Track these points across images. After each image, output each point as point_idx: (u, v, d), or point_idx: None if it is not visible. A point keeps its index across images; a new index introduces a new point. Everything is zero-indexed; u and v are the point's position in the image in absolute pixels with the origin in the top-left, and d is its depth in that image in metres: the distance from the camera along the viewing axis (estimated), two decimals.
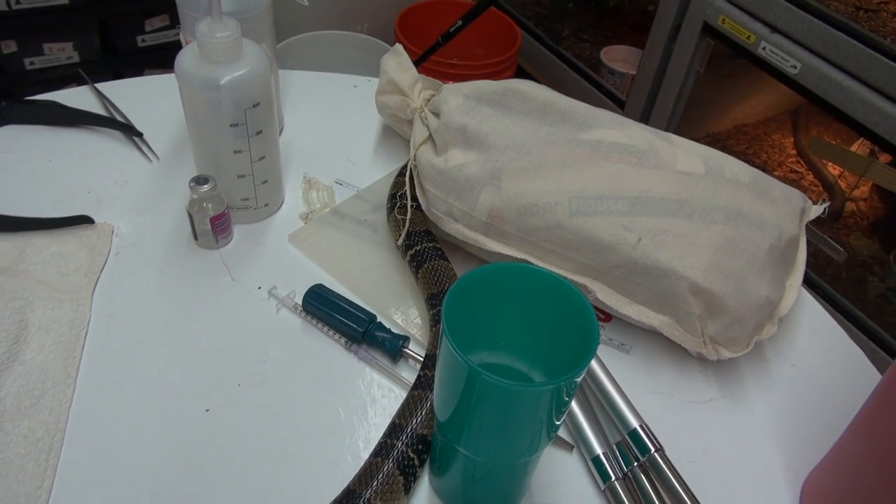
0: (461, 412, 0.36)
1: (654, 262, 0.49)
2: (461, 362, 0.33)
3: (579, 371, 0.33)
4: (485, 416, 0.36)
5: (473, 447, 0.38)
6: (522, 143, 0.55)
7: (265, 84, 0.53)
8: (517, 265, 0.38)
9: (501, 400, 0.34)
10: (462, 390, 0.35)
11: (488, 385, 0.33)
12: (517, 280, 0.38)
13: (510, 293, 0.38)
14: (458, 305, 0.36)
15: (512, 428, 0.36)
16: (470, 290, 0.37)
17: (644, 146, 0.54)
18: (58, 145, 0.65)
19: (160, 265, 0.56)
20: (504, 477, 0.41)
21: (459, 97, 0.58)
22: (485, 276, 0.37)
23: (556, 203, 0.52)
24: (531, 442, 0.38)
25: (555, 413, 0.36)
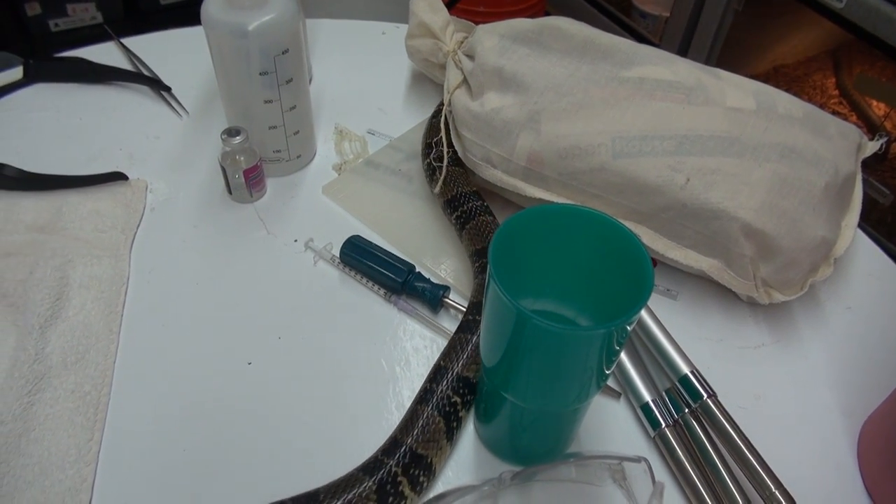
0: (509, 358, 0.35)
1: (704, 204, 0.47)
2: (510, 307, 0.32)
3: (633, 315, 0.32)
4: (533, 362, 0.35)
5: (521, 394, 0.37)
6: (562, 83, 0.52)
7: (294, 30, 0.51)
8: (564, 205, 0.36)
9: (551, 345, 0.33)
10: (510, 336, 0.34)
11: (538, 330, 0.32)
12: (564, 222, 0.36)
13: (557, 236, 0.37)
14: (505, 250, 0.34)
15: (561, 374, 0.35)
16: (516, 233, 0.35)
17: (691, 82, 0.52)
18: (87, 102, 0.65)
19: (195, 220, 0.56)
20: (552, 424, 0.41)
21: (494, 37, 0.55)
22: (531, 219, 0.36)
23: (599, 144, 0.50)
24: (581, 389, 0.36)
25: (605, 360, 0.34)
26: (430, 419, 0.42)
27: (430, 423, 0.42)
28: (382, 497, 0.39)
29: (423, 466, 0.41)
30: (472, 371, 0.44)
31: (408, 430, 0.42)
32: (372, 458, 0.41)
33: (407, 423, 0.42)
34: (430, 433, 0.42)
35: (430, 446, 0.42)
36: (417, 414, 0.43)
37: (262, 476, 0.41)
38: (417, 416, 0.42)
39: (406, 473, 0.40)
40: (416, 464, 0.41)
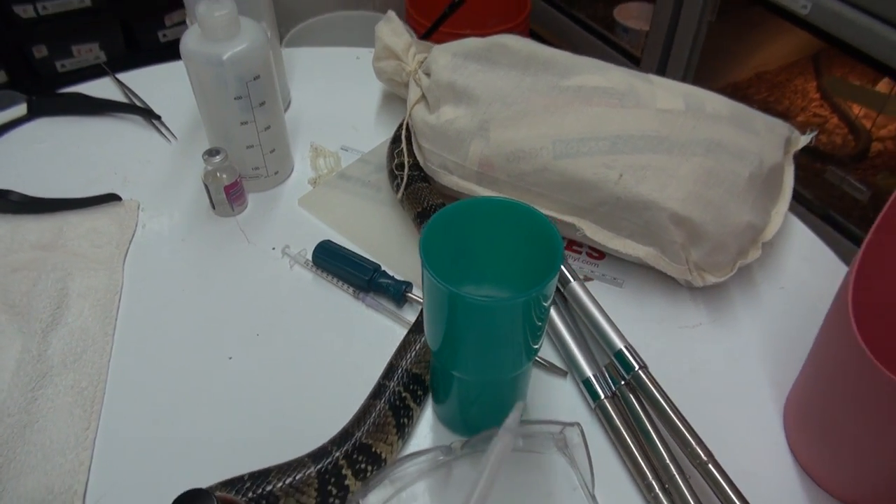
0: (448, 335, 0.40)
1: (636, 196, 0.52)
2: (441, 288, 0.36)
3: (543, 286, 0.36)
4: (468, 335, 0.39)
5: (463, 367, 0.42)
6: (508, 94, 0.57)
7: (264, 57, 0.57)
8: (486, 198, 0.41)
9: (478, 317, 0.38)
10: (447, 315, 0.39)
11: (465, 303, 0.37)
12: (489, 213, 0.41)
13: (485, 227, 0.41)
14: (438, 242, 0.39)
15: (493, 345, 0.40)
16: (448, 226, 0.40)
17: (624, 88, 0.57)
18: (85, 133, 0.71)
19: (182, 234, 0.61)
20: (495, 395, 0.45)
21: (448, 56, 0.61)
22: (459, 212, 0.41)
23: (541, 147, 0.55)
24: (514, 358, 0.41)
25: (530, 329, 0.39)
26: (381, 413, 0.47)
27: (381, 416, 0.47)
28: (323, 483, 0.43)
29: (370, 456, 0.45)
30: (422, 368, 0.49)
31: (359, 423, 0.46)
32: (321, 447, 0.45)
33: (359, 416, 0.47)
34: (379, 426, 0.46)
35: (378, 437, 0.46)
36: (369, 408, 0.47)
37: (237, 456, 0.46)
38: (370, 410, 0.47)
39: (350, 463, 0.44)
40: (363, 454, 0.45)
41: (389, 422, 0.47)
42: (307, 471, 0.43)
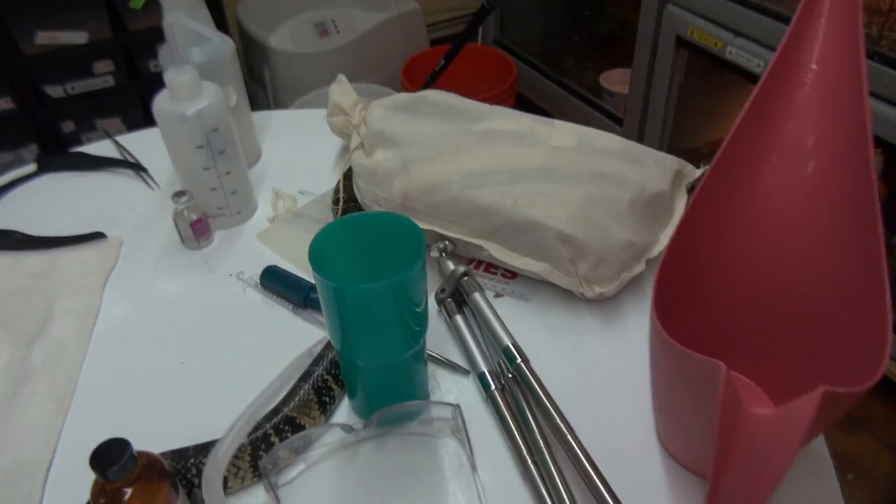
0: (340, 325, 0.48)
1: (527, 219, 0.61)
2: (325, 283, 0.45)
3: (407, 273, 0.45)
4: (354, 321, 0.47)
5: (358, 352, 0.50)
6: (426, 138, 0.67)
7: (222, 113, 0.68)
8: (367, 213, 0.50)
9: (357, 302, 0.46)
10: (335, 306, 0.47)
11: (345, 292, 0.45)
12: (372, 226, 0.50)
13: (370, 238, 0.50)
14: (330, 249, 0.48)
15: (377, 327, 0.47)
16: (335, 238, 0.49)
17: (524, 130, 0.66)
18: (82, 184, 0.82)
19: (155, 264, 0.71)
20: (395, 382, 0.53)
21: (381, 109, 0.71)
22: (343, 226, 0.50)
23: (452, 181, 0.64)
24: (400, 340, 0.49)
25: (407, 312, 0.47)
26: (306, 393, 0.55)
27: (306, 395, 0.55)
28: (255, 449, 0.51)
29: (296, 428, 0.53)
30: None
31: (287, 401, 0.54)
32: (256, 423, 0.53)
33: (289, 395, 0.55)
34: (304, 403, 0.54)
35: (303, 412, 0.54)
36: (297, 389, 0.55)
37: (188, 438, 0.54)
38: (297, 390, 0.55)
39: (278, 433, 0.52)
40: (289, 425, 0.53)
41: (313, 399, 0.55)
42: (243, 445, 0.51)
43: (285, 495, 0.51)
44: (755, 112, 0.46)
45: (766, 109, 0.46)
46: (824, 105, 0.45)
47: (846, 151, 0.44)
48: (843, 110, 0.44)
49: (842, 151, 0.44)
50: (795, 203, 0.47)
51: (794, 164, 0.46)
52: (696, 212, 0.47)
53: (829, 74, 0.45)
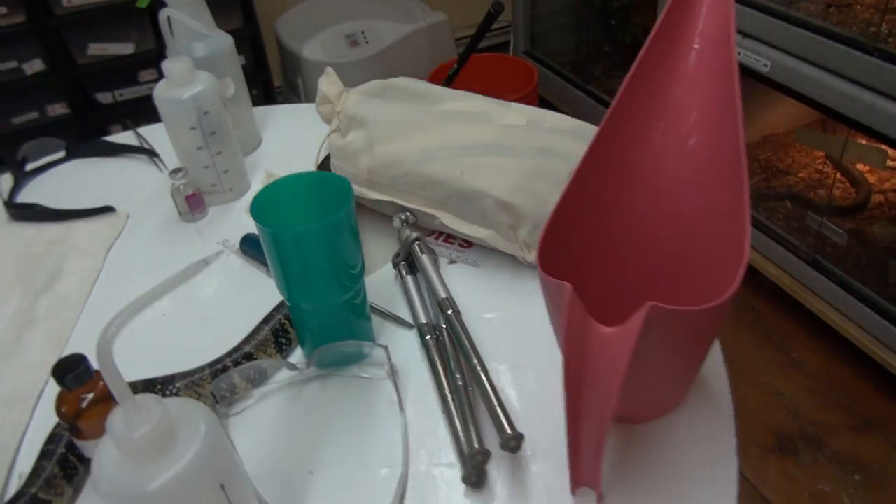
0: (280, 269, 0.55)
1: (472, 188, 0.66)
2: (263, 230, 0.52)
3: (336, 217, 0.51)
4: (290, 264, 0.54)
5: (297, 294, 0.56)
6: (392, 119, 0.74)
7: (213, 97, 0.76)
8: (303, 173, 0.56)
9: (292, 245, 0.52)
10: (275, 252, 0.54)
11: (279, 236, 0.52)
12: (306, 184, 0.56)
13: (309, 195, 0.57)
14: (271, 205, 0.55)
15: (312, 269, 0.54)
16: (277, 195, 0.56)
17: (479, 110, 0.72)
18: (103, 167, 0.92)
19: (156, 234, 0.80)
20: (336, 326, 0.59)
21: (356, 95, 0.78)
22: (285, 184, 0.56)
23: (409, 156, 0.70)
24: (335, 283, 0.55)
25: (341, 254, 0.53)
26: (265, 333, 0.62)
27: (265, 335, 0.61)
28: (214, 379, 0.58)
29: (257, 367, 0.60)
30: None
31: (248, 340, 0.61)
32: (218, 358, 0.60)
33: (250, 336, 0.62)
34: (262, 342, 0.61)
35: (261, 350, 0.61)
36: (258, 330, 0.62)
37: None
38: (258, 331, 0.62)
39: (236, 366, 0.59)
40: (247, 360, 0.60)
41: (270, 340, 0.61)
42: (203, 373, 0.58)
43: (234, 424, 0.58)
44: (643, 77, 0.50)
45: (655, 76, 0.51)
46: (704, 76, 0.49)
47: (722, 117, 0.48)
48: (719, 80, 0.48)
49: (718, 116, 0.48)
50: (682, 157, 0.51)
51: (679, 125, 0.50)
52: (589, 164, 0.51)
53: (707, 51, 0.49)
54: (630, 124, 0.51)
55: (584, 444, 0.45)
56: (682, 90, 0.50)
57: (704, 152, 0.49)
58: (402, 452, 0.54)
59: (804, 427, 1.36)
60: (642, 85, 0.50)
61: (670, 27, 0.49)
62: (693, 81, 0.49)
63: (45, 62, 1.56)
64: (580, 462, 0.47)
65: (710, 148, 0.49)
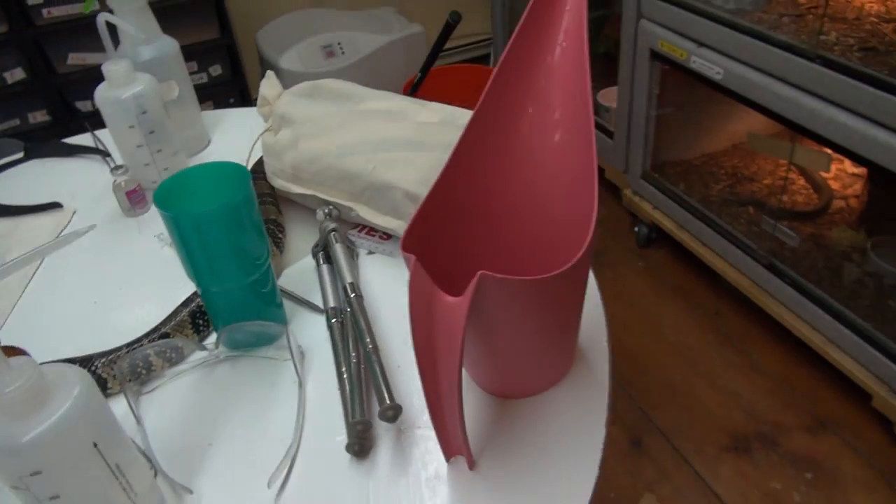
0: (185, 252, 0.58)
1: (382, 181, 0.70)
2: (168, 216, 0.55)
3: (233, 199, 0.55)
4: (193, 247, 0.57)
5: (203, 277, 0.60)
6: (316, 117, 0.78)
7: (152, 98, 0.81)
8: (201, 165, 0.60)
9: (193, 228, 0.56)
10: (178, 236, 0.57)
11: (180, 219, 0.55)
12: (208, 174, 0.60)
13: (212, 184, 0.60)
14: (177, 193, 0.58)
15: (214, 251, 0.57)
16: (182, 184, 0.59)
17: (397, 109, 0.76)
18: (58, 167, 0.96)
19: (97, 228, 0.84)
20: (244, 309, 0.62)
21: (288, 96, 0.82)
22: (188, 175, 0.60)
23: (329, 152, 0.74)
24: (237, 266, 0.58)
25: (244, 235, 0.57)
26: (183, 315, 0.65)
27: (183, 317, 0.65)
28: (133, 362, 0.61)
29: (171, 345, 0.63)
30: None
31: (167, 321, 0.65)
32: (136, 339, 0.64)
33: (168, 318, 0.65)
34: (180, 323, 0.65)
35: (177, 330, 0.64)
36: (178, 312, 0.66)
37: None
38: (176, 313, 0.65)
39: (153, 348, 0.63)
40: (164, 342, 0.63)
41: (187, 321, 0.65)
42: (120, 352, 0.62)
43: (146, 401, 0.61)
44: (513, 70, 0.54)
45: (524, 70, 0.54)
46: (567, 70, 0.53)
47: (578, 105, 0.51)
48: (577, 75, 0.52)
49: (575, 104, 0.52)
50: (547, 144, 0.54)
51: (546, 112, 0.54)
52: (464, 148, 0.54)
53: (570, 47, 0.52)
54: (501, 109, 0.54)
55: (448, 413, 0.48)
56: (547, 80, 0.53)
57: (567, 138, 0.53)
58: (294, 426, 0.57)
59: (760, 427, 1.38)
60: (513, 73, 0.54)
61: (536, 21, 0.53)
62: (558, 74, 0.53)
63: (26, 71, 1.61)
64: (446, 431, 0.50)
65: (570, 136, 0.52)
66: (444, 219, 0.54)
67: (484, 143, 0.54)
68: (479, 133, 0.54)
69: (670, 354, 1.55)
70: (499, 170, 0.56)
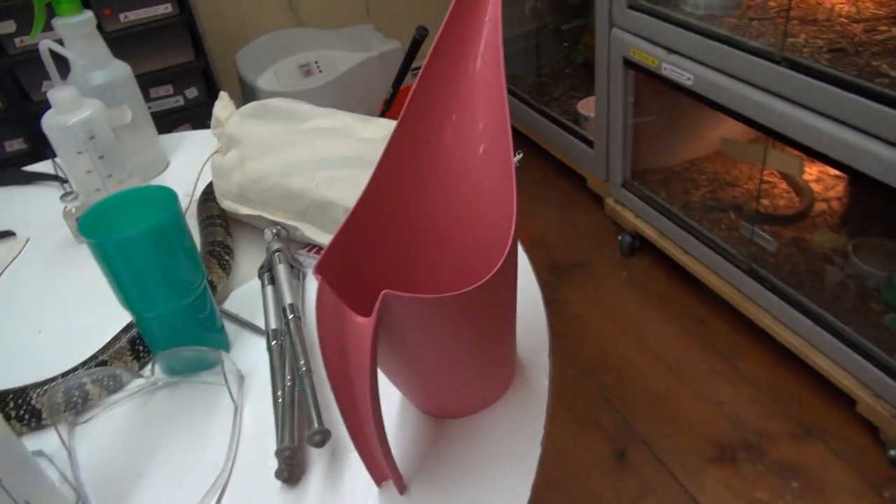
0: (113, 279, 0.57)
1: (325, 199, 0.69)
2: (93, 244, 0.54)
3: (158, 223, 0.54)
4: (121, 272, 0.56)
5: (134, 303, 0.59)
6: (263, 137, 0.77)
7: (100, 123, 0.80)
8: (128, 190, 0.59)
9: (119, 253, 0.55)
10: (105, 263, 0.56)
11: (105, 245, 0.54)
12: (136, 199, 0.59)
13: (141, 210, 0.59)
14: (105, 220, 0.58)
15: (142, 276, 0.56)
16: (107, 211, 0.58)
17: (341, 126, 0.75)
18: (17, 195, 0.96)
19: (50, 256, 0.83)
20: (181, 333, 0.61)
21: (237, 116, 0.82)
22: (113, 202, 0.59)
23: (273, 171, 0.73)
24: (167, 288, 0.57)
25: (169, 260, 0.56)
26: (122, 342, 0.64)
27: (121, 345, 0.64)
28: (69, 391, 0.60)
29: (109, 373, 0.62)
30: None
31: (105, 349, 0.64)
32: (72, 368, 0.63)
33: (106, 345, 0.64)
34: (119, 351, 0.64)
35: (116, 358, 0.63)
36: (117, 339, 0.64)
37: None
38: (116, 340, 0.64)
39: (89, 376, 0.61)
40: (101, 370, 0.62)
41: (126, 348, 0.64)
42: (56, 382, 0.61)
43: (81, 431, 0.60)
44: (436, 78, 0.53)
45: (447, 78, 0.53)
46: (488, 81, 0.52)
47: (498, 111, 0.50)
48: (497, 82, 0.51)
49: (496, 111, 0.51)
50: (471, 154, 0.53)
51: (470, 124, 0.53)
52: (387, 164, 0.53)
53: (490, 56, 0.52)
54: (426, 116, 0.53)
55: (370, 438, 0.46)
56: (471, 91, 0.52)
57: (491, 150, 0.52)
58: (226, 453, 0.55)
59: (745, 436, 1.35)
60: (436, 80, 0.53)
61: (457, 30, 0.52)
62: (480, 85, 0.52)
63: (1, 100, 1.62)
64: (371, 455, 0.48)
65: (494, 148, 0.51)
66: (371, 236, 0.53)
67: (408, 157, 0.54)
68: (402, 147, 0.53)
69: (655, 364, 1.53)
70: (425, 182, 0.55)
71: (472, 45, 0.52)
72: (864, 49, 1.21)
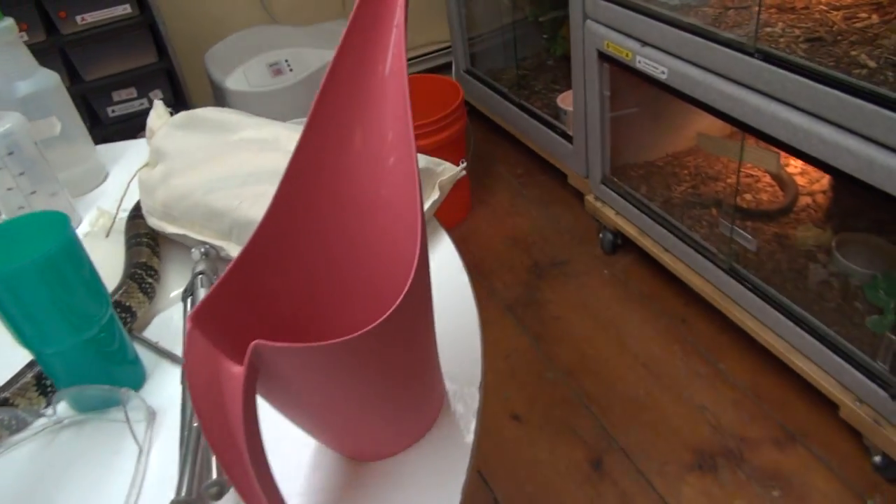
0: (5, 319, 0.53)
1: (247, 218, 0.64)
2: None
3: (47, 252, 0.49)
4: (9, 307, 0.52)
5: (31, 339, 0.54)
6: (189, 150, 0.72)
7: (21, 137, 0.75)
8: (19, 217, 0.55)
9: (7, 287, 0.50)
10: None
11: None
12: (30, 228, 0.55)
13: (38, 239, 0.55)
14: None
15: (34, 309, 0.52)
16: None
17: (270, 137, 0.70)
18: None
19: None
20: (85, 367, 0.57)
21: (165, 127, 0.77)
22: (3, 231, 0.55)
23: (197, 188, 0.68)
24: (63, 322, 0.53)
25: (65, 292, 0.52)
26: (27, 378, 0.59)
27: (26, 381, 0.59)
28: None
29: (11, 412, 0.58)
30: None
31: (7, 385, 0.59)
32: None
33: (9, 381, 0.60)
34: (21, 387, 0.59)
35: (19, 394, 0.59)
36: (20, 374, 0.60)
37: None
38: (20, 375, 0.60)
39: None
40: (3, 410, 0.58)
41: (32, 384, 0.59)
42: None
43: None
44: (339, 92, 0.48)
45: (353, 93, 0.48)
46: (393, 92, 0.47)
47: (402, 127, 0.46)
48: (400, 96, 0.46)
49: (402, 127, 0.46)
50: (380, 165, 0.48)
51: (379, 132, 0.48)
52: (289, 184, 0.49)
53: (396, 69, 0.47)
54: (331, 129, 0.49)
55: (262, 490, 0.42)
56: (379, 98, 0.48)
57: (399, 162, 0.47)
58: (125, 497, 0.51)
59: (726, 441, 1.31)
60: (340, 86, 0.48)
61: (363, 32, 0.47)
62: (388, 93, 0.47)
63: None
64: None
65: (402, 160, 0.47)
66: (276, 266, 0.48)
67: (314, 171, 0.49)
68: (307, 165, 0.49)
69: (635, 367, 1.49)
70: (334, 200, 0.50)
71: (379, 48, 0.48)
72: (843, 38, 1.16)
